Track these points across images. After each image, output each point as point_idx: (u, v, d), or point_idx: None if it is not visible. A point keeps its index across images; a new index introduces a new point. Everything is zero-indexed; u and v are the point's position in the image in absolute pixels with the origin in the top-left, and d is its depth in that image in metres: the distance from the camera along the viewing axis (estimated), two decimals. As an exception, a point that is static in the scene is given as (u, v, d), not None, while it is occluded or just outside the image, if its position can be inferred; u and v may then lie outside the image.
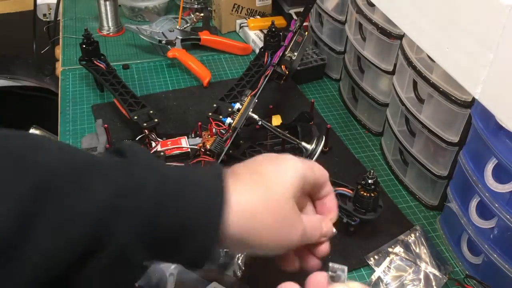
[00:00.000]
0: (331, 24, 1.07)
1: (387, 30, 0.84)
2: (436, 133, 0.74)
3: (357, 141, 0.96)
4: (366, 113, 0.99)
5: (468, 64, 0.35)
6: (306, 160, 0.54)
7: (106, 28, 1.26)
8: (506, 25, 0.31)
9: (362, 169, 0.88)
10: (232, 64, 1.17)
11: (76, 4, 1.40)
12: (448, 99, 0.69)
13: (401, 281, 0.69)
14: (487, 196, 0.63)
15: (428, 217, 0.81)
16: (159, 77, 1.11)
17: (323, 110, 1.04)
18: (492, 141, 0.61)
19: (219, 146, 0.79)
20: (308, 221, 0.52)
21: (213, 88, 1.07)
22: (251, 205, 0.47)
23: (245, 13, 1.27)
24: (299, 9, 1.26)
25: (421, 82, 0.73)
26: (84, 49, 1.00)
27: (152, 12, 1.32)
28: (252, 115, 0.79)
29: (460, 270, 0.73)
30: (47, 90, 1.70)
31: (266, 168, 0.50)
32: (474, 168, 0.66)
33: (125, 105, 0.89)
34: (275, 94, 1.03)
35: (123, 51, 1.20)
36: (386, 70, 0.89)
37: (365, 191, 0.69)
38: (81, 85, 1.07)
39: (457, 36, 0.35)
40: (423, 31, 0.40)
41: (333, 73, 1.13)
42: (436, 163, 0.78)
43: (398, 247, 0.72)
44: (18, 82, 1.73)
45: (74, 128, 0.96)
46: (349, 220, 0.72)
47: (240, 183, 0.47)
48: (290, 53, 0.86)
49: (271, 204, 0.47)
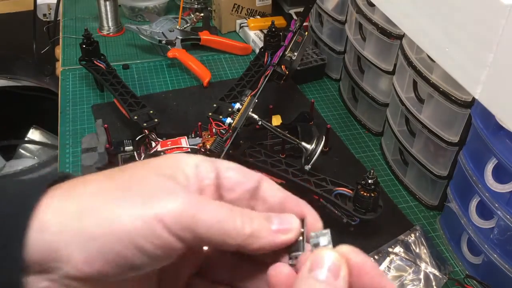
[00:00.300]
0: (331, 24, 1.07)
1: (387, 30, 0.84)
2: (436, 133, 0.74)
3: (357, 141, 0.96)
4: (366, 113, 0.99)
5: (468, 64, 0.35)
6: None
7: (106, 28, 1.26)
8: (506, 25, 0.31)
9: (362, 169, 0.88)
10: (232, 64, 1.17)
11: (76, 4, 1.40)
12: (448, 99, 0.69)
13: (401, 281, 0.69)
14: (487, 196, 0.63)
15: (428, 217, 0.81)
16: (159, 77, 1.11)
17: (323, 110, 1.04)
18: (492, 141, 0.61)
19: (219, 146, 0.79)
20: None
21: (213, 88, 1.07)
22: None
23: (245, 13, 1.27)
24: (299, 9, 1.26)
25: (421, 82, 0.73)
26: (84, 49, 1.00)
27: (152, 12, 1.32)
28: (252, 115, 0.79)
29: (460, 270, 0.73)
30: (47, 90, 1.70)
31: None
32: (474, 168, 0.66)
33: (125, 105, 0.89)
34: (275, 94, 1.03)
35: (123, 51, 1.20)
36: (386, 70, 0.89)
37: (365, 191, 0.69)
38: (81, 85, 1.07)
39: (457, 36, 0.35)
40: (423, 31, 0.40)
41: (333, 73, 1.13)
42: (436, 163, 0.78)
43: (398, 247, 0.72)
44: (18, 82, 1.74)
45: (74, 128, 0.96)
46: (349, 220, 0.72)
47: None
48: (290, 53, 0.86)
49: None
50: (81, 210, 0.28)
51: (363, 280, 0.28)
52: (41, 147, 1.68)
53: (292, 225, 0.31)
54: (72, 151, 0.91)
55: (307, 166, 0.76)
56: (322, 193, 0.73)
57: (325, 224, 0.30)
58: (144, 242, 0.27)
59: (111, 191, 0.29)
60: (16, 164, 1.61)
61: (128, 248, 0.27)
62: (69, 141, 0.92)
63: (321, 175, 0.76)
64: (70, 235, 0.27)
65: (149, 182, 0.29)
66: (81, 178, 0.31)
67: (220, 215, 0.29)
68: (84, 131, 0.95)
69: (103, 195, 0.29)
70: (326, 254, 0.29)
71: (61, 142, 0.93)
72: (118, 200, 0.28)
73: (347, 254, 0.29)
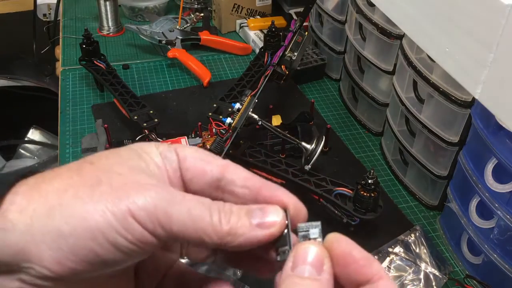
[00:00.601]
0: (331, 24, 1.07)
1: (387, 30, 0.84)
2: (436, 133, 0.74)
3: (357, 141, 0.96)
4: (366, 113, 0.99)
5: (468, 64, 0.35)
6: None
7: (106, 28, 1.26)
8: (506, 25, 0.31)
9: (362, 169, 0.88)
10: (232, 64, 1.17)
11: (76, 4, 1.40)
12: (448, 99, 0.69)
13: (401, 281, 0.69)
14: (487, 196, 0.63)
15: (428, 217, 0.81)
16: (159, 77, 1.11)
17: (323, 110, 1.04)
18: (492, 141, 0.61)
19: (219, 146, 0.79)
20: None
21: (213, 88, 1.07)
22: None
23: (245, 13, 1.27)
24: (299, 9, 1.26)
25: (421, 82, 0.73)
26: (84, 49, 1.00)
27: (152, 12, 1.32)
28: (252, 115, 0.79)
29: (460, 270, 0.73)
30: (47, 90, 1.70)
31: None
32: (474, 168, 0.66)
33: (125, 105, 0.89)
34: (275, 94, 1.03)
35: (123, 51, 1.20)
36: (386, 70, 0.89)
37: (365, 191, 0.69)
38: (81, 85, 1.07)
39: (457, 36, 0.35)
40: (423, 31, 0.40)
41: (333, 73, 1.13)
42: (436, 163, 0.77)
43: (398, 247, 0.72)
44: (18, 82, 1.73)
45: (74, 128, 0.96)
46: (349, 220, 0.72)
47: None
48: (290, 53, 0.86)
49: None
50: (50, 208, 0.26)
51: (349, 269, 0.27)
52: (41, 147, 1.68)
53: (276, 218, 0.29)
54: (72, 151, 0.91)
55: (307, 166, 0.76)
56: (322, 193, 0.73)
57: (325, 224, 0.29)
58: (117, 238, 0.26)
59: (80, 187, 0.27)
60: (16, 164, 1.61)
61: (101, 244, 0.26)
62: (69, 141, 0.92)
63: (321, 175, 0.76)
64: (40, 234, 0.26)
65: (120, 175, 0.28)
66: (48, 173, 0.29)
67: (194, 212, 0.27)
68: (84, 131, 0.95)
69: (72, 191, 0.27)
70: (308, 249, 0.28)
71: (61, 142, 0.93)
72: (88, 195, 0.27)
73: (331, 244, 0.28)
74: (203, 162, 0.31)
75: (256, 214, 0.29)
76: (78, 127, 0.96)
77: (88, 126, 0.96)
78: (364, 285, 0.27)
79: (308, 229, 0.29)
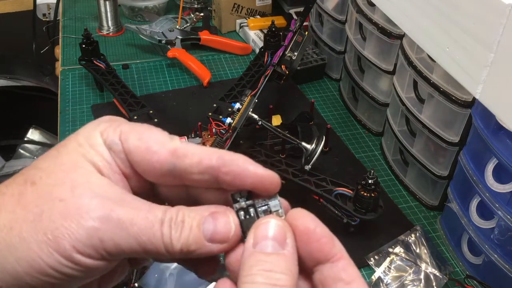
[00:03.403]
0: (331, 24, 1.07)
1: (387, 30, 0.84)
2: (437, 133, 0.74)
3: (357, 141, 0.96)
4: (366, 113, 0.99)
5: (468, 64, 0.35)
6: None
7: (106, 28, 1.26)
8: (506, 25, 0.31)
9: (362, 169, 0.88)
10: (232, 64, 1.17)
11: (76, 4, 1.40)
12: (448, 99, 0.69)
13: (401, 281, 0.69)
14: (487, 196, 0.63)
15: (429, 217, 0.81)
16: (159, 77, 1.11)
17: (323, 110, 1.04)
18: (492, 141, 0.61)
19: (219, 146, 0.79)
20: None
21: (213, 88, 1.07)
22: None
23: (245, 13, 1.27)
24: (299, 9, 1.26)
25: (422, 82, 0.73)
26: (84, 49, 1.00)
27: (152, 12, 1.32)
28: (252, 115, 0.79)
29: (460, 270, 0.73)
30: (47, 90, 1.70)
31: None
32: (475, 168, 0.66)
33: (124, 105, 0.89)
34: (275, 94, 1.03)
35: (123, 51, 1.20)
36: (386, 70, 0.89)
37: (365, 191, 0.69)
38: (81, 85, 1.07)
39: (457, 36, 0.35)
40: (423, 31, 0.40)
41: (333, 73, 1.13)
42: (437, 163, 0.77)
43: (398, 247, 0.72)
44: (18, 82, 1.73)
45: (74, 128, 0.96)
46: (349, 220, 0.72)
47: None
48: (290, 53, 0.86)
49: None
50: (1, 249, 0.27)
51: (311, 246, 0.26)
52: (40, 147, 1.68)
53: (227, 229, 0.27)
54: (72, 151, 0.90)
55: (307, 166, 0.76)
56: (322, 193, 0.73)
57: (325, 224, 0.28)
58: (69, 271, 0.27)
59: (23, 224, 0.27)
60: (16, 164, 1.61)
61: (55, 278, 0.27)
62: (69, 141, 0.92)
63: (321, 175, 0.76)
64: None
65: (61, 202, 0.27)
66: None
67: (143, 237, 0.26)
68: (84, 131, 0.94)
69: (17, 229, 0.27)
70: (268, 223, 0.27)
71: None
72: (32, 235, 0.27)
73: (294, 219, 0.27)
74: (148, 153, 0.28)
75: (209, 223, 0.27)
76: (78, 127, 0.95)
77: (88, 126, 0.96)
78: (324, 264, 0.26)
79: (268, 202, 0.28)
